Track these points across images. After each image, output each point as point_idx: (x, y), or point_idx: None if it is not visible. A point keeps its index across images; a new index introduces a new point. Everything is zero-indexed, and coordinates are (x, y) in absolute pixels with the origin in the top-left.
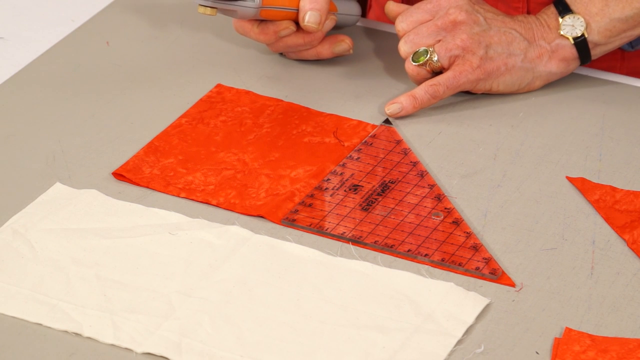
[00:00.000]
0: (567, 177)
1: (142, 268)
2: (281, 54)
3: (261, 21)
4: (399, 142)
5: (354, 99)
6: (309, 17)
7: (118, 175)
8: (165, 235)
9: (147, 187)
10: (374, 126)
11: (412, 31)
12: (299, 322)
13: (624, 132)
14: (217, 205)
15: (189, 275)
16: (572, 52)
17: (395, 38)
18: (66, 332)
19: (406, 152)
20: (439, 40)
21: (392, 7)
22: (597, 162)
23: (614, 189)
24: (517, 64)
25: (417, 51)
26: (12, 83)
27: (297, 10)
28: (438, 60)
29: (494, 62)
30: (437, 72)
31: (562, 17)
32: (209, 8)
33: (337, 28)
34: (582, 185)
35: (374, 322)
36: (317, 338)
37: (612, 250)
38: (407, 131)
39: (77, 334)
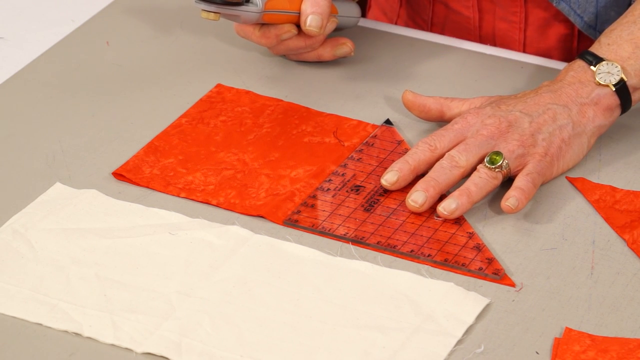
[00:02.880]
0: (567, 177)
1: (142, 268)
2: (283, 55)
3: (262, 25)
4: (400, 142)
5: (354, 99)
6: (311, 21)
7: (118, 175)
8: (165, 235)
9: (147, 187)
10: (374, 126)
11: (457, 147)
12: (299, 322)
13: (624, 132)
14: (217, 205)
15: (189, 275)
16: (614, 99)
17: (394, 37)
18: (66, 332)
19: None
20: (494, 147)
21: (409, 97)
22: (597, 162)
23: (614, 189)
24: (570, 133)
25: (490, 155)
26: (12, 83)
27: (299, 13)
28: (508, 164)
29: (554, 143)
30: (505, 178)
31: (595, 66)
32: (212, 13)
33: (338, 30)
34: (582, 185)
35: (374, 322)
36: (317, 338)
37: (612, 250)
38: (407, 131)
39: (77, 334)
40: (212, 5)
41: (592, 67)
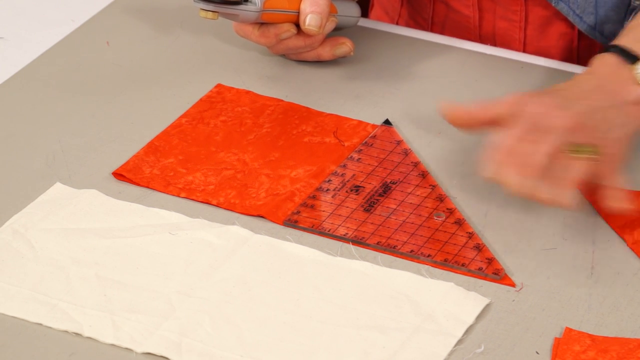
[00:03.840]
0: None
1: (142, 268)
2: (282, 55)
3: (262, 24)
4: (399, 142)
5: (354, 99)
6: (310, 20)
7: (118, 175)
8: (165, 235)
9: (147, 187)
10: (374, 126)
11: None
12: (299, 322)
13: None
14: (217, 205)
15: (189, 275)
16: None
17: (394, 37)
18: (66, 332)
19: (407, 152)
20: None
21: (450, 111)
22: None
23: None
24: (624, 132)
25: (580, 145)
26: (12, 83)
27: (298, 12)
28: (593, 157)
29: (618, 142)
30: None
31: (633, 64)
32: (210, 12)
33: (337, 29)
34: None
35: (374, 322)
36: (317, 338)
37: (612, 250)
38: (407, 131)
39: (77, 334)
40: (211, 5)
41: (636, 66)
